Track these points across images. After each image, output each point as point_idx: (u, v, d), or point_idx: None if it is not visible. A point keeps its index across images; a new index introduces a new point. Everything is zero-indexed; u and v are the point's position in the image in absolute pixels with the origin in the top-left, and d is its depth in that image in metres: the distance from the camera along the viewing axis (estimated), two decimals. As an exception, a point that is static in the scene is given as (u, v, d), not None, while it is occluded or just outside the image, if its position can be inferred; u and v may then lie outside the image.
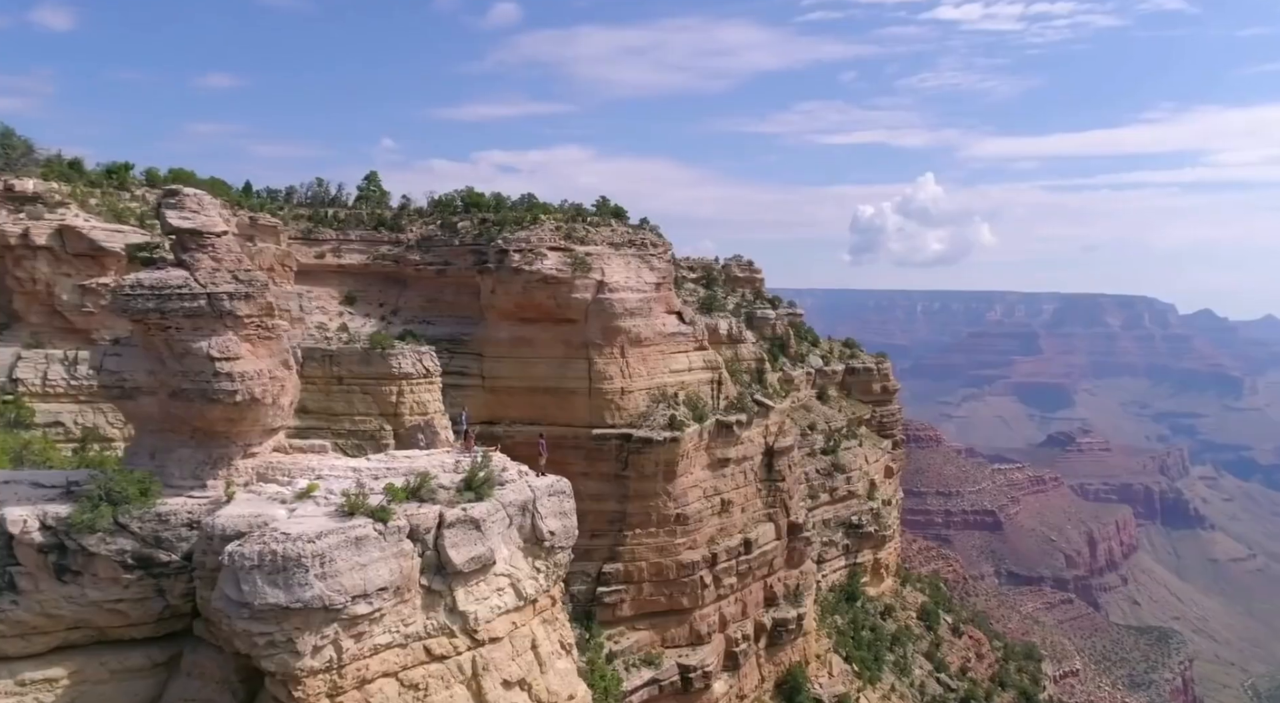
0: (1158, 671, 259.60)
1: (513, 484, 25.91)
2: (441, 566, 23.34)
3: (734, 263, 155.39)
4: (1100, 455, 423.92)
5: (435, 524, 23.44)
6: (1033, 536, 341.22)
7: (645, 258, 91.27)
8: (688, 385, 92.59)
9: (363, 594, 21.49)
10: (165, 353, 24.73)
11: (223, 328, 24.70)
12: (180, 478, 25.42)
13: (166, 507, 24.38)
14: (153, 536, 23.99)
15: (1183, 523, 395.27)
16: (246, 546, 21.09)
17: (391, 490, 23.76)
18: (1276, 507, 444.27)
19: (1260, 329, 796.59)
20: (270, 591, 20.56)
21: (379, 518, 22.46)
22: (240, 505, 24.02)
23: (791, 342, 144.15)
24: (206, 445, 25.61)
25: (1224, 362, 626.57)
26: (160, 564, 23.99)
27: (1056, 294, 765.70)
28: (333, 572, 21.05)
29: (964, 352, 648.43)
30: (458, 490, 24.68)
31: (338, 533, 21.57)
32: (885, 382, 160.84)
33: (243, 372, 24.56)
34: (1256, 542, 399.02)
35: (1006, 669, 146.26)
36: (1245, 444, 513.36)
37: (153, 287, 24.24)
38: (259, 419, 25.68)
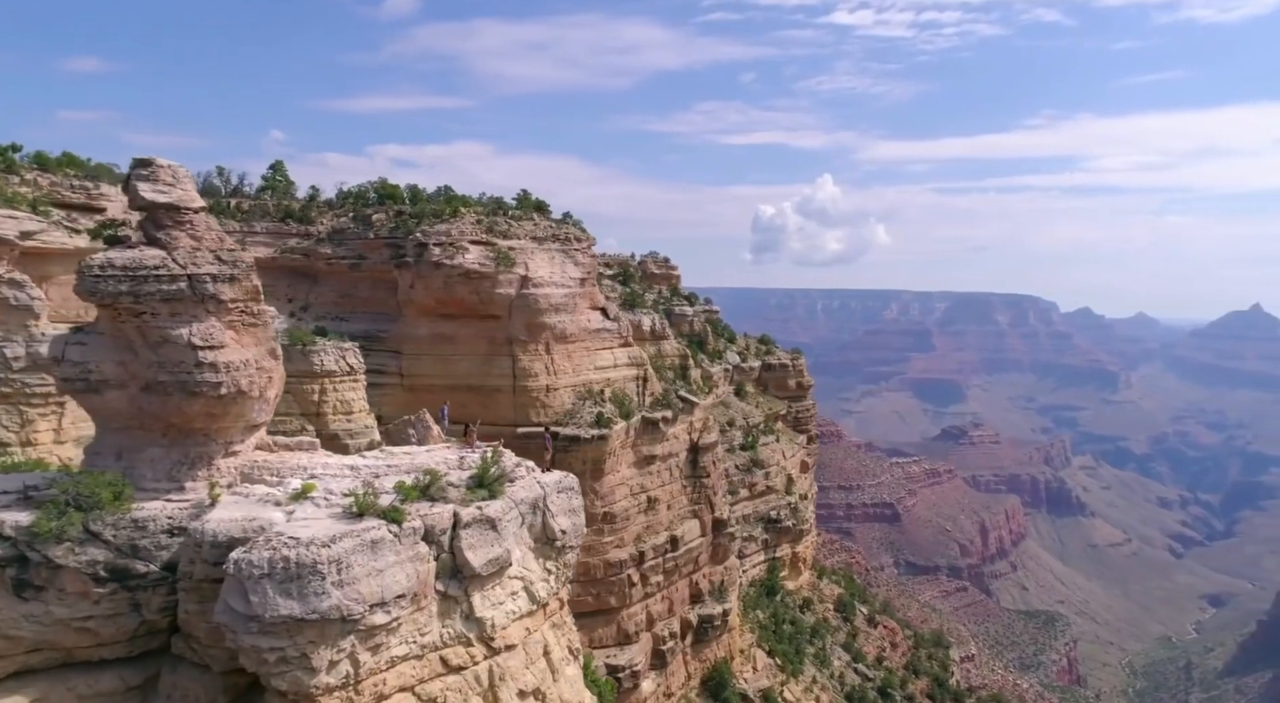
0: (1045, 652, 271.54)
1: (522, 481, 24.36)
2: (457, 569, 21.67)
3: (650, 260, 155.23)
4: (990, 448, 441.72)
5: (450, 525, 21.73)
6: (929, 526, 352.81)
7: (569, 253, 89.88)
8: (613, 382, 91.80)
9: (380, 602, 19.68)
10: (138, 341, 22.24)
11: (204, 313, 22.36)
12: (153, 480, 22.94)
13: (143, 512, 21.92)
14: (128, 544, 21.52)
15: (1066, 511, 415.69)
16: (254, 552, 19.00)
17: (403, 489, 21.91)
18: (1149, 494, 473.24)
19: (1133, 326, 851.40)
20: (283, 601, 18.57)
21: (392, 519, 20.64)
22: (229, 509, 21.81)
23: (709, 339, 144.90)
24: (183, 444, 23.19)
25: (1101, 357, 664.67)
26: (137, 576, 21.53)
27: (948, 293, 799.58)
28: (350, 579, 19.19)
29: (862, 349, 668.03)
30: (468, 488, 22.98)
31: (352, 536, 19.68)
32: (800, 378, 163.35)
33: (228, 362, 22.29)
34: (1131, 527, 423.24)
35: (918, 657, 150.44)
36: (1121, 435, 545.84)
37: (125, 267, 21.72)
38: (244, 414, 23.41)
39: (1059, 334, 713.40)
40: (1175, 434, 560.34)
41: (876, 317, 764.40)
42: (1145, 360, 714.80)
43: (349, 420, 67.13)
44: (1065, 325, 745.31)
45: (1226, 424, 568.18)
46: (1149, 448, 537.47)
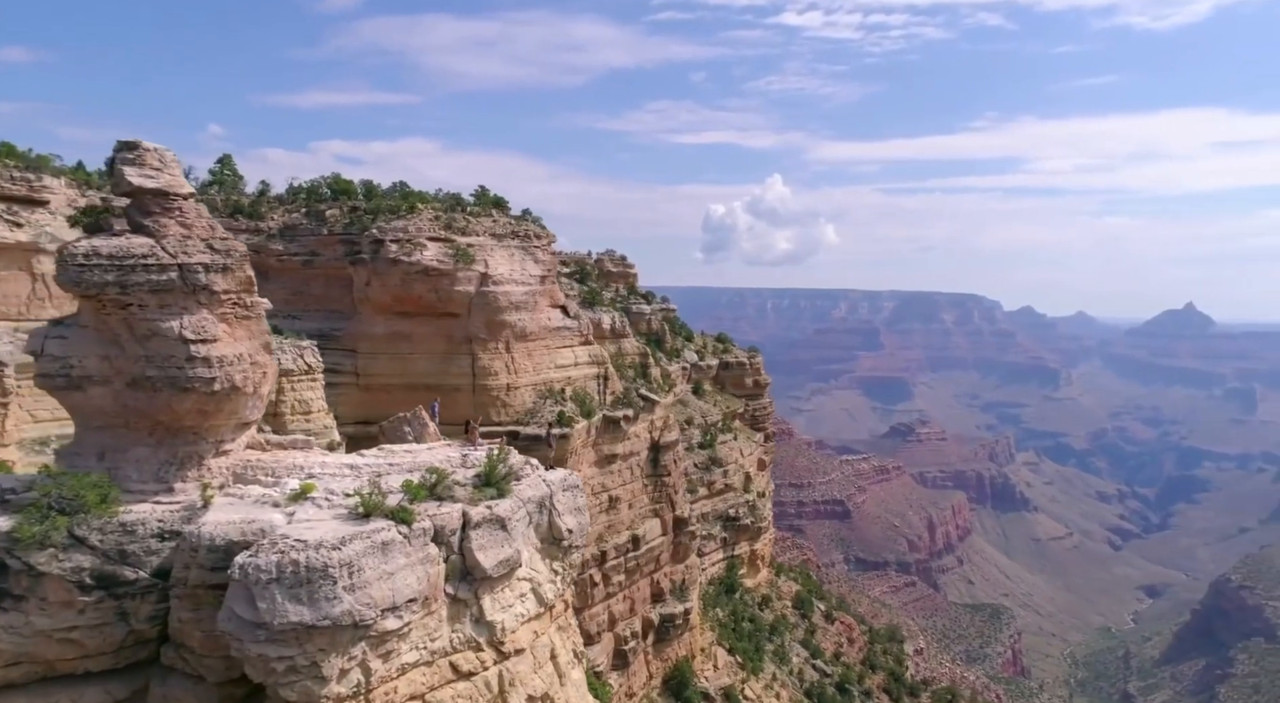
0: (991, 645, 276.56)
1: (528, 479, 23.57)
2: (467, 571, 20.84)
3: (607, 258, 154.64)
4: (937, 445, 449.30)
5: (460, 525, 20.88)
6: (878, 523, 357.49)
7: (529, 250, 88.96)
8: (574, 381, 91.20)
9: (391, 607, 18.80)
10: (124, 335, 21.00)
11: (196, 305, 21.19)
12: (140, 481, 21.68)
13: (132, 515, 20.68)
14: (116, 549, 20.29)
15: (1010, 506, 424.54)
16: (260, 556, 17.97)
17: (410, 488, 20.99)
18: (1089, 488, 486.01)
19: (1073, 325, 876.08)
20: (292, 607, 17.59)
21: (401, 520, 19.74)
22: (224, 511, 20.70)
23: (667, 337, 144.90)
24: (171, 443, 21.96)
25: (1043, 355, 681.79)
26: (125, 583, 20.30)
27: (896, 292, 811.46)
28: (361, 583, 18.27)
29: (811, 348, 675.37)
30: (475, 487, 22.15)
31: (362, 538, 18.75)
32: (757, 376, 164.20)
33: (221, 356, 21.15)
34: (1073, 521, 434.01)
35: (874, 652, 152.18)
36: (1062, 431, 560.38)
37: (112, 256, 20.47)
38: (237, 411, 22.25)
39: (1002, 333, 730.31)
40: (1113, 430, 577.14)
41: (825, 316, 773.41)
42: (1085, 358, 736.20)
43: (308, 421, 65.32)
44: (1008, 324, 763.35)
45: (1161, 420, 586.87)
46: (1088, 444, 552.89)
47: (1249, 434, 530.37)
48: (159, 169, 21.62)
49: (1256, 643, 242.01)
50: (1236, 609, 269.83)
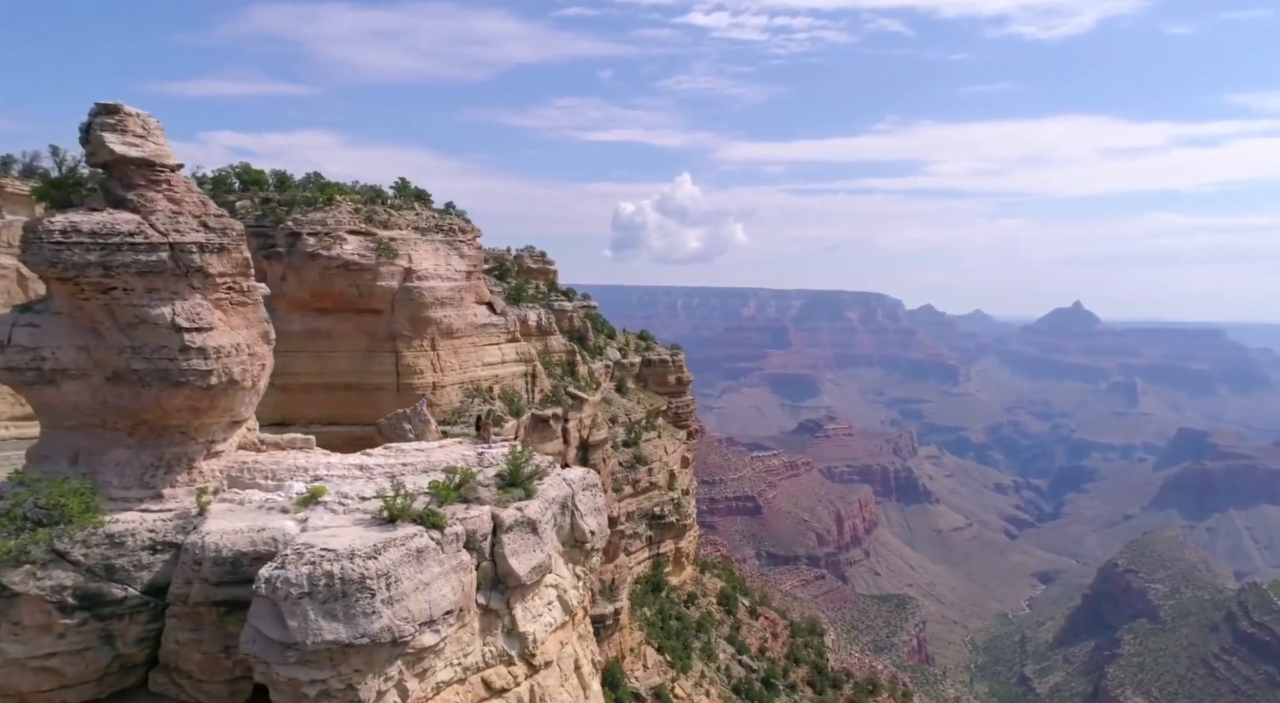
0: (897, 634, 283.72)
1: (550, 478, 21.97)
2: (498, 579, 19.20)
3: (526, 254, 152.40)
4: (844, 440, 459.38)
5: (490, 529, 19.23)
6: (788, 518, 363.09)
7: (454, 244, 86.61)
8: (502, 379, 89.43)
9: (428, 621, 17.07)
10: (105, 323, 18.61)
11: (189, 290, 18.92)
12: (121, 487, 19.28)
13: (119, 525, 18.32)
14: (102, 564, 17.93)
15: (913, 499, 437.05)
16: (289, 568, 16.00)
17: (438, 489, 19.18)
18: (987, 480, 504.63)
19: (971, 323, 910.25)
20: (327, 625, 15.71)
21: (432, 524, 17.99)
22: (225, 519, 18.55)
23: (589, 335, 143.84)
24: (155, 443, 19.61)
25: (943, 352, 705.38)
26: (112, 602, 17.96)
27: (803, 291, 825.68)
28: (399, 595, 16.51)
29: (722, 346, 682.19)
30: (499, 488, 20.50)
31: (397, 546, 16.96)
32: (680, 374, 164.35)
33: (218, 346, 18.95)
34: (972, 512, 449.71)
35: (797, 645, 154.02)
36: (961, 426, 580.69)
37: (93, 233, 18.05)
38: (232, 408, 20.03)
39: (905, 330, 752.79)
40: (1009, 424, 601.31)
41: (735, 314, 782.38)
42: (982, 355, 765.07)
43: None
44: (910, 322, 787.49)
45: (1053, 414, 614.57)
46: (986, 437, 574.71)
47: (1131, 426, 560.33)
48: (142, 136, 19.25)
49: (1141, 624, 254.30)
50: (1122, 593, 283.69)
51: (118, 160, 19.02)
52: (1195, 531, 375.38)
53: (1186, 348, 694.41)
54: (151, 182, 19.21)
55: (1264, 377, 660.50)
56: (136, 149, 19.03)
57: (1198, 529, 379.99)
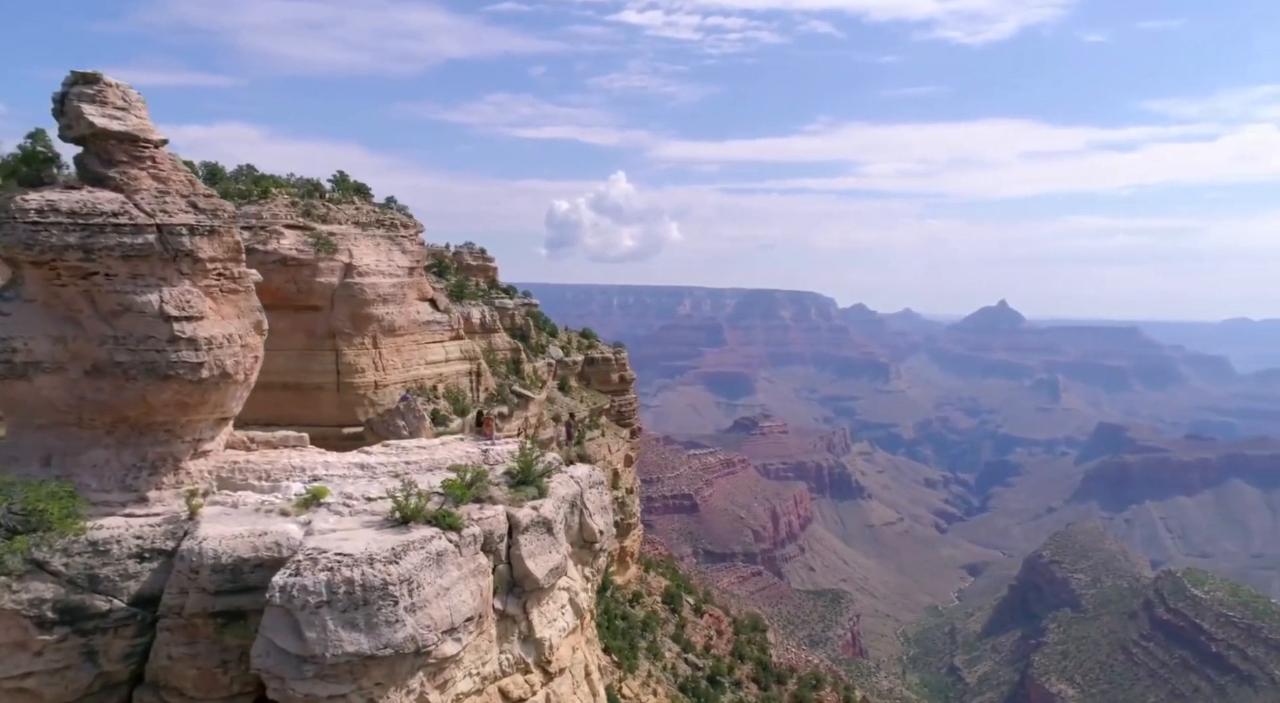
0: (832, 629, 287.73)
1: (559, 476, 21.00)
2: (514, 582, 18.19)
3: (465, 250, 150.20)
4: (779, 438, 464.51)
5: (507, 530, 18.21)
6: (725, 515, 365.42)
7: (396, 239, 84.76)
8: (446, 378, 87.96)
9: (450, 629, 15.99)
10: (85, 311, 17.06)
11: (177, 275, 17.45)
12: (100, 490, 17.71)
13: (103, 532, 16.78)
14: (85, 574, 16.38)
15: (847, 494, 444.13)
16: (306, 575, 14.76)
17: (452, 488, 18.07)
18: (917, 476, 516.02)
19: (901, 321, 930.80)
20: (347, 635, 14.54)
21: (449, 526, 16.89)
22: (221, 523, 17.16)
23: (531, 332, 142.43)
24: (137, 443, 18.07)
25: (874, 350, 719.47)
26: (96, 615, 16.44)
27: (738, 289, 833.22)
28: (421, 602, 15.41)
29: (657, 344, 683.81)
30: (510, 486, 19.48)
31: (416, 549, 15.84)
32: (622, 372, 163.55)
33: (209, 337, 17.54)
34: (903, 507, 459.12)
35: (740, 642, 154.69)
36: (893, 422, 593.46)
37: (74, 213, 16.49)
38: (223, 403, 18.59)
39: (837, 328, 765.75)
40: (938, 420, 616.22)
41: (670, 312, 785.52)
42: (911, 353, 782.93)
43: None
44: (842, 320, 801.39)
45: (980, 410, 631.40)
46: (916, 433, 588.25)
47: (1054, 421, 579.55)
48: (124, 109, 17.71)
49: (1064, 613, 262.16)
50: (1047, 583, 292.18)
51: (98, 134, 17.46)
52: (1114, 522, 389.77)
53: (1105, 346, 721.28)
54: (135, 158, 17.68)
55: (1177, 373, 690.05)
56: (119, 122, 17.49)
57: (1116, 520, 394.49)
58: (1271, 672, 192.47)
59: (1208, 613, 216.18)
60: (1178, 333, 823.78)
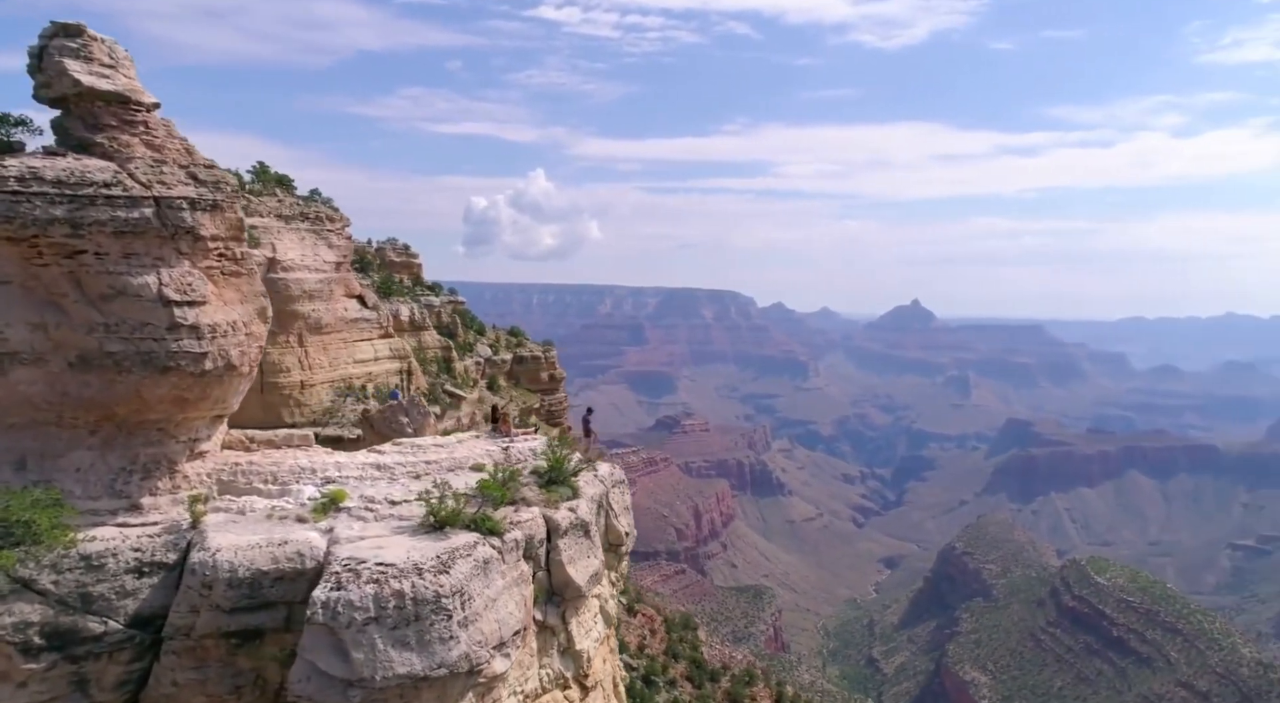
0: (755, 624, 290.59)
1: (584, 475, 19.63)
2: (553, 590, 16.78)
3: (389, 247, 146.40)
4: (701, 436, 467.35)
5: (545, 534, 16.78)
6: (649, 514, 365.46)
7: (322, 234, 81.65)
8: (375, 377, 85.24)
9: (499, 644, 14.51)
10: (70, 294, 14.97)
11: (176, 255, 15.47)
12: (86, 497, 15.61)
13: (97, 544, 14.74)
14: (77, 592, 14.34)
15: (768, 491, 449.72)
16: (352, 589, 13.10)
17: (488, 489, 16.52)
18: (835, 472, 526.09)
19: (819, 319, 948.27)
20: (398, 655, 12.96)
21: (490, 531, 15.39)
22: (231, 532, 15.30)
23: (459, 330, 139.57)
24: (126, 444, 16.01)
25: (794, 348, 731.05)
26: (89, 639, 14.41)
27: (659, 288, 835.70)
28: (472, 615, 13.91)
29: (579, 343, 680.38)
30: (540, 486, 18.04)
31: (464, 557, 14.32)
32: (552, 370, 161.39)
33: (213, 324, 15.62)
34: (822, 502, 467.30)
35: (673, 640, 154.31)
36: (811, 419, 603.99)
37: (60, 182, 14.39)
38: (225, 398, 16.64)
39: (757, 327, 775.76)
40: (855, 417, 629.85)
41: (592, 311, 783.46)
42: (829, 351, 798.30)
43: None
44: (762, 319, 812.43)
45: (895, 406, 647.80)
46: (834, 430, 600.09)
47: (965, 417, 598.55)
48: (111, 66, 15.64)
49: (977, 603, 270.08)
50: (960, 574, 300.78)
51: (83, 94, 15.36)
52: (1022, 513, 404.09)
53: (1012, 343, 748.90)
54: (125, 122, 15.62)
55: (1079, 369, 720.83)
56: (107, 81, 15.41)
57: (1024, 512, 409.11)
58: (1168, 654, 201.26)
59: (1109, 599, 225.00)
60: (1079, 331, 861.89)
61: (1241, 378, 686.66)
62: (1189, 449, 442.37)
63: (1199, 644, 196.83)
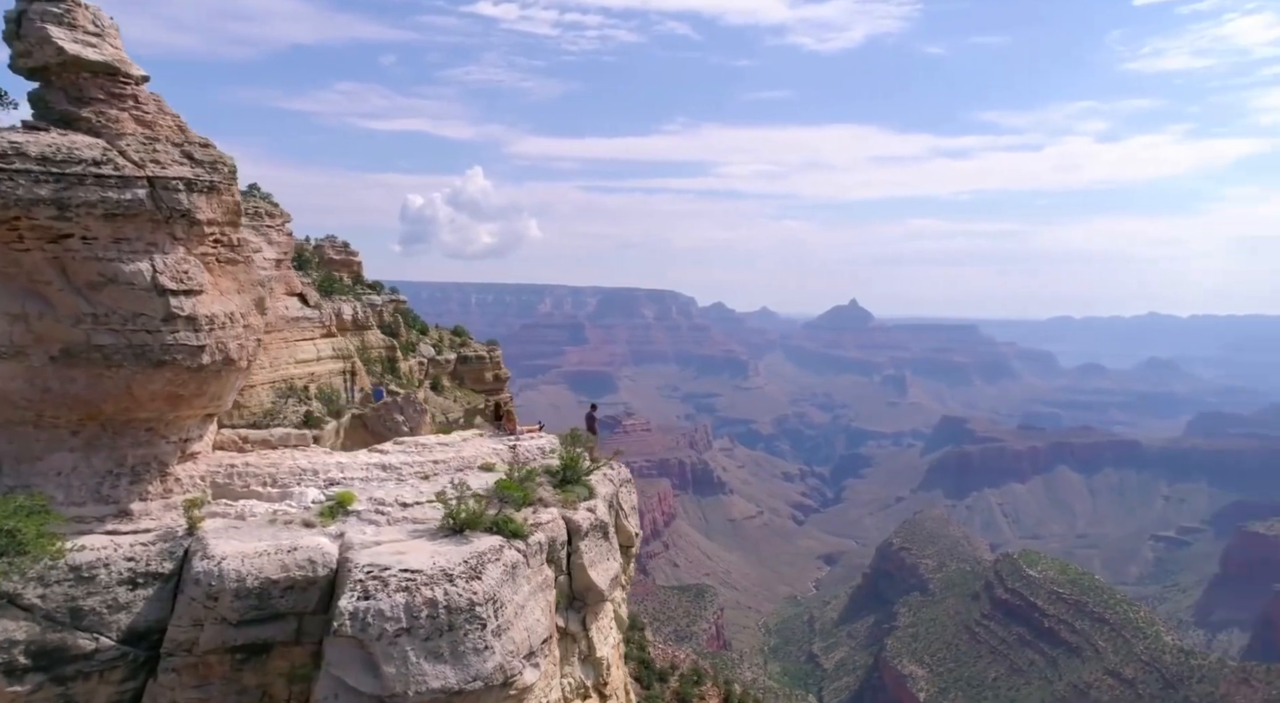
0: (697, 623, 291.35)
1: (595, 473, 18.84)
2: (574, 595, 15.99)
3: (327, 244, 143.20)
4: (643, 435, 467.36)
5: (566, 536, 15.97)
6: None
7: (261, 230, 79.09)
8: (318, 377, 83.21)
9: (529, 653, 13.68)
10: (54, 282, 13.68)
11: (170, 241, 14.27)
12: (70, 503, 14.31)
13: (87, 554, 13.49)
14: (66, 607, 13.10)
15: (709, 490, 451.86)
16: (381, 598, 12.15)
17: (508, 489, 15.63)
18: (775, 470, 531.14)
19: (759, 319, 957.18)
20: (432, 668, 12.06)
21: (514, 533, 14.55)
22: (233, 538, 14.17)
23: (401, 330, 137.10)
24: (112, 445, 14.74)
25: (734, 348, 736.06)
26: (79, 657, 13.18)
27: (599, 288, 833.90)
28: (505, 624, 13.07)
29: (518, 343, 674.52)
30: (555, 487, 17.22)
31: (493, 561, 13.46)
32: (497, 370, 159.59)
33: (210, 315, 14.45)
34: (762, 500, 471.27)
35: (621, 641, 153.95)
36: (751, 418, 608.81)
37: (45, 159, 13.11)
38: (220, 395, 15.45)
39: (698, 327, 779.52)
40: (794, 415, 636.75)
41: (531, 311, 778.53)
42: (769, 350, 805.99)
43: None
44: (703, 318, 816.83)
45: (833, 405, 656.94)
46: (773, 429, 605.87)
47: (901, 415, 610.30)
48: (98, 35, 14.37)
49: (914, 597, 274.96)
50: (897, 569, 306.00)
51: (67, 64, 14.05)
52: (957, 508, 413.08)
53: (947, 342, 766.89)
54: (113, 96, 14.35)
55: (1010, 368, 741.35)
56: (94, 50, 14.13)
57: (959, 507, 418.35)
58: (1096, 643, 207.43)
59: (1040, 591, 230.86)
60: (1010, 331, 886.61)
61: (1162, 375, 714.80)
62: (1114, 444, 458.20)
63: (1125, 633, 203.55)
